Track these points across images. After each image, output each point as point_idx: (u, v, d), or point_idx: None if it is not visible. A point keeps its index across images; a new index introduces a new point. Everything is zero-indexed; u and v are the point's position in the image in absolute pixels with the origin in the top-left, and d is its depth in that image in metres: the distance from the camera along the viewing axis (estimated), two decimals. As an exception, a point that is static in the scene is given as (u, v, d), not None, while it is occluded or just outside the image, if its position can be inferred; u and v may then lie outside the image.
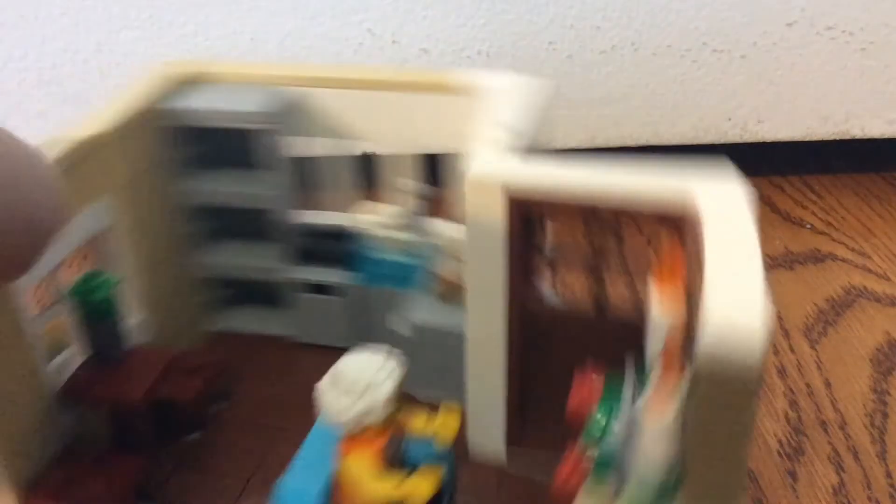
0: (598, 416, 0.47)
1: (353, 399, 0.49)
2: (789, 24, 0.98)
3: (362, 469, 0.50)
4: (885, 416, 0.70)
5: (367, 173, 0.78)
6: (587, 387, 0.49)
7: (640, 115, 1.02)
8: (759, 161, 1.14)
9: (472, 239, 0.53)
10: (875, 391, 0.73)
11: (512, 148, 0.54)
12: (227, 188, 0.70)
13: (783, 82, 1.01)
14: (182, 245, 0.71)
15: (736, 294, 0.39)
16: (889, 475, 0.64)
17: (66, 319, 0.60)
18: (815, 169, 1.13)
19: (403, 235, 0.68)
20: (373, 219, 0.69)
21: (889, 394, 0.72)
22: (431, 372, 0.65)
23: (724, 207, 0.46)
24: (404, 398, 0.52)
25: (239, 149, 0.70)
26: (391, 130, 0.68)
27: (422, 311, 0.65)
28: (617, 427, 0.46)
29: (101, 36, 0.94)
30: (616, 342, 0.55)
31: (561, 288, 0.82)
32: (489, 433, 0.59)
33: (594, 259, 0.53)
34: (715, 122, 1.03)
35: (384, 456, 0.50)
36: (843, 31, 0.99)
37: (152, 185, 0.66)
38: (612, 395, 0.48)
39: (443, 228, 0.71)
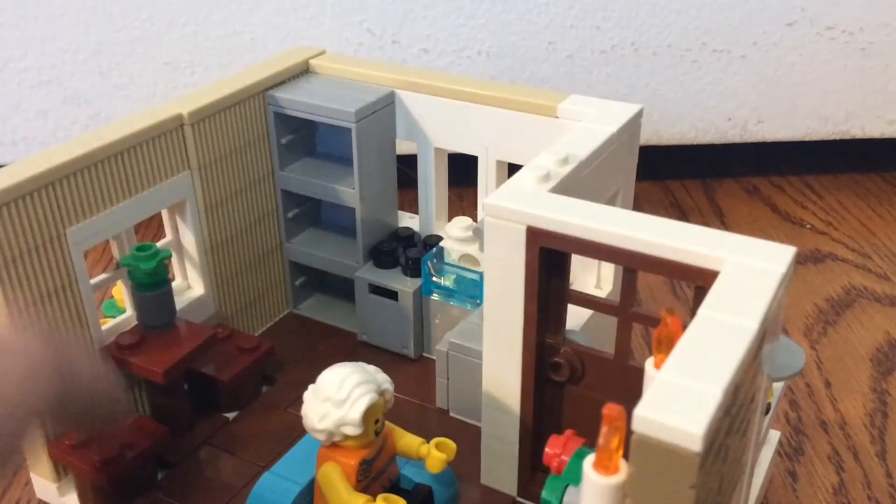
0: (555, 484, 0.47)
1: (328, 409, 0.49)
2: (789, 24, 0.98)
3: (334, 480, 0.50)
4: (885, 416, 0.70)
5: (457, 184, 0.78)
6: (558, 451, 0.48)
7: (640, 115, 1.02)
8: (759, 161, 1.14)
9: (492, 267, 0.51)
10: (875, 391, 0.73)
11: (555, 178, 0.52)
12: (314, 179, 0.72)
13: (783, 82, 1.01)
14: (267, 227, 0.74)
15: (691, 384, 0.35)
16: (889, 475, 0.64)
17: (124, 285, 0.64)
18: (815, 169, 1.13)
19: (475, 251, 0.67)
20: (450, 231, 0.68)
21: (889, 394, 0.72)
22: (464, 394, 0.64)
23: (742, 286, 0.42)
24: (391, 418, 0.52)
25: (333, 143, 0.73)
26: (485, 144, 0.68)
27: (466, 332, 0.64)
28: (570, 499, 0.46)
29: (101, 36, 0.94)
30: (633, 387, 0.50)
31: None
32: (502, 468, 0.58)
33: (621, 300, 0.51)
34: (715, 122, 1.03)
35: (358, 470, 0.50)
36: (843, 31, 0.99)
37: (241, 165, 0.69)
38: (578, 465, 0.46)
39: None
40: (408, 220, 0.78)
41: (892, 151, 1.14)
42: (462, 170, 0.78)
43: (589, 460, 0.39)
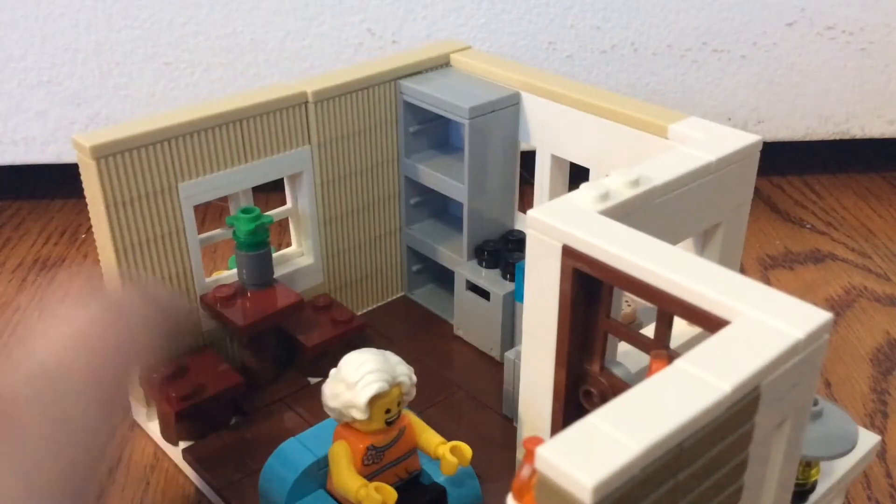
0: None
1: (341, 390, 0.51)
2: (789, 24, 0.98)
3: (339, 457, 0.51)
4: (885, 416, 0.70)
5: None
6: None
7: (640, 115, 1.02)
8: (759, 161, 1.14)
9: (532, 282, 0.49)
10: (875, 391, 0.73)
11: (613, 199, 0.49)
12: (430, 169, 0.74)
13: (783, 82, 1.01)
14: (386, 211, 0.77)
15: (615, 433, 0.32)
16: (889, 475, 0.64)
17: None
18: (815, 169, 1.13)
19: None
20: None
21: (889, 394, 0.72)
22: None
23: (735, 347, 0.38)
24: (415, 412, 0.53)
25: (458, 139, 0.76)
26: (595, 156, 0.67)
27: None
28: None
29: (101, 36, 0.94)
30: None
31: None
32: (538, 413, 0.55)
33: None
34: (715, 122, 1.03)
35: (365, 454, 0.51)
36: (843, 31, 0.99)
37: (364, 147, 0.73)
38: None
39: None
40: (524, 224, 0.75)
41: (892, 151, 1.14)
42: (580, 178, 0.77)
43: (509, 496, 0.37)
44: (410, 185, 0.77)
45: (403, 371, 0.52)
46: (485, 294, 0.71)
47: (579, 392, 0.52)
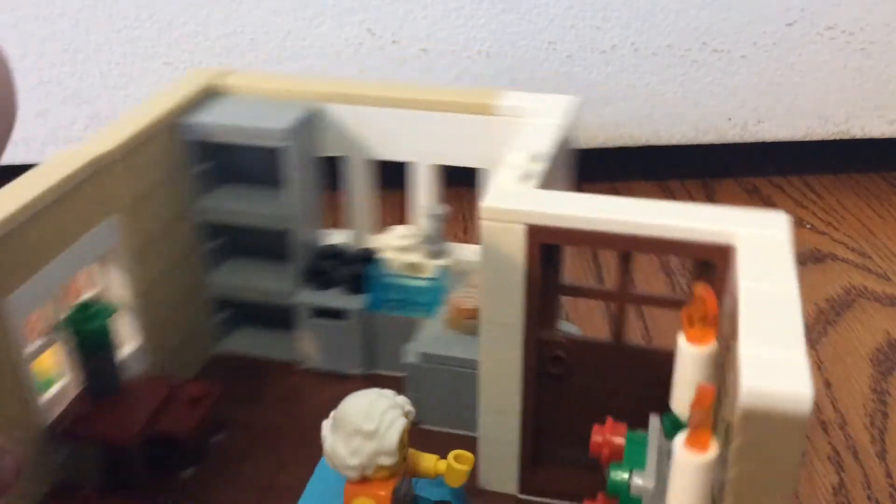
0: (619, 472, 0.46)
1: (359, 443, 0.46)
2: (789, 24, 0.98)
3: None
4: (885, 416, 0.70)
5: (390, 193, 0.77)
6: (605, 433, 0.48)
7: (640, 115, 1.02)
8: (759, 161, 1.14)
9: (489, 268, 0.51)
10: (875, 391, 0.73)
11: (534, 176, 0.53)
12: (242, 206, 0.67)
13: (783, 82, 1.01)
14: (188, 264, 0.68)
15: (777, 351, 0.37)
16: (889, 475, 0.64)
17: (59, 350, 0.56)
18: (815, 169, 1.13)
19: (419, 259, 0.66)
20: (388, 241, 0.67)
21: (889, 394, 0.72)
22: (441, 403, 0.63)
23: (764, 254, 0.44)
24: (414, 435, 0.50)
25: (257, 166, 0.68)
26: (421, 149, 0.67)
27: (431, 341, 0.63)
28: (641, 481, 0.45)
29: (101, 36, 0.94)
30: (634, 371, 0.54)
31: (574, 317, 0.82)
32: (502, 469, 0.58)
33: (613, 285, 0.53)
34: (715, 122, 1.03)
35: (392, 500, 0.47)
36: (843, 31, 0.99)
37: (163, 201, 0.64)
38: (635, 449, 0.47)
39: (462, 252, 0.70)
40: (332, 237, 0.73)
41: (892, 151, 1.14)
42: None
43: (679, 441, 0.39)
44: (209, 230, 0.69)
45: (404, 399, 0.49)
46: (337, 314, 0.67)
47: (545, 361, 0.54)
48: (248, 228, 0.68)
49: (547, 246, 0.51)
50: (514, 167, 0.53)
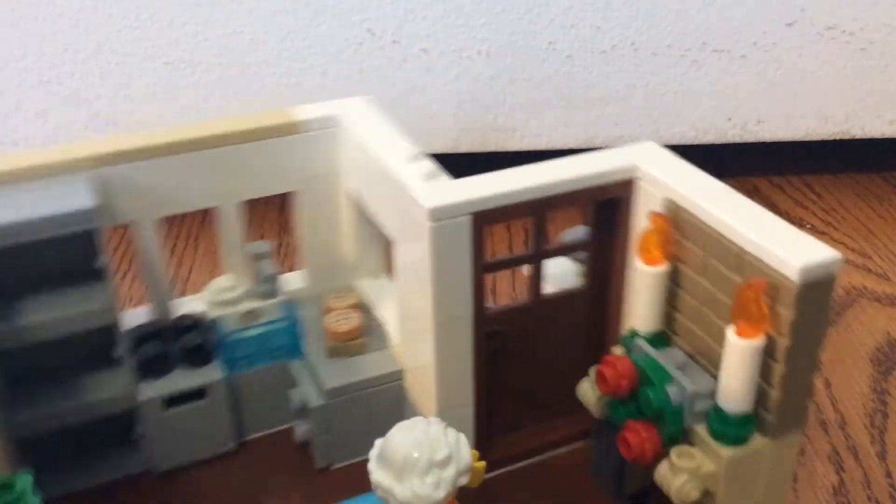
0: (650, 391, 0.49)
1: (439, 474, 0.44)
2: (789, 24, 0.98)
3: None
4: (885, 416, 0.70)
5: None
6: (617, 366, 0.50)
7: (640, 115, 1.02)
8: (759, 161, 1.14)
9: (440, 269, 0.52)
10: (875, 391, 0.73)
11: (436, 172, 0.54)
12: (46, 316, 0.54)
13: (783, 82, 1.01)
14: None
15: (779, 232, 0.46)
16: (889, 475, 0.64)
17: None
18: (815, 169, 1.13)
19: (254, 304, 0.61)
20: (212, 297, 0.61)
21: (889, 394, 0.72)
22: (357, 433, 0.60)
23: (672, 172, 0.53)
24: None
25: (48, 263, 0.55)
26: (223, 190, 0.61)
27: (329, 375, 0.59)
28: (675, 392, 0.49)
29: (101, 36, 0.94)
30: (556, 321, 0.59)
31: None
32: (455, 422, 0.58)
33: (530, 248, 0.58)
34: (715, 122, 1.03)
35: None
36: (843, 31, 0.99)
37: None
38: (651, 368, 0.50)
39: (294, 281, 0.66)
40: (134, 316, 0.63)
41: (892, 151, 1.14)
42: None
43: (730, 333, 0.46)
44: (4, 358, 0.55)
45: (433, 417, 0.47)
46: (199, 393, 0.59)
47: (491, 339, 0.57)
48: (50, 342, 0.55)
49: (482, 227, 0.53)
50: (419, 169, 0.54)
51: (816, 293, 0.45)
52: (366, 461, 0.55)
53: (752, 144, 1.06)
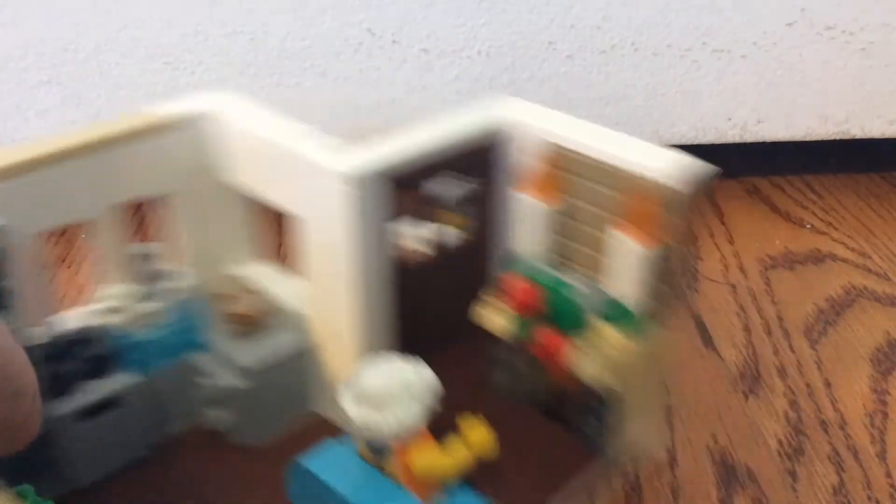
0: (558, 299, 0.58)
1: (416, 401, 0.49)
2: (789, 24, 0.98)
3: (431, 458, 0.50)
4: (885, 416, 0.70)
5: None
6: (521, 287, 0.58)
7: (640, 115, 1.02)
8: (759, 161, 1.14)
9: (358, 224, 0.55)
10: (875, 391, 0.73)
11: (341, 145, 0.57)
12: None
13: (783, 82, 1.01)
14: None
15: (653, 151, 0.53)
16: (889, 475, 0.64)
17: None
18: (815, 169, 1.13)
19: (147, 307, 0.60)
20: (108, 305, 0.60)
21: (889, 394, 0.72)
22: (279, 406, 0.62)
23: (553, 120, 0.59)
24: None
25: None
26: (97, 199, 0.60)
27: (245, 356, 0.61)
28: (577, 295, 0.57)
29: (101, 36, 0.94)
30: (462, 262, 0.66)
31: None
32: None
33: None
34: (715, 122, 1.03)
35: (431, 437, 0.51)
36: (843, 31, 0.99)
37: None
38: (552, 281, 0.58)
39: (181, 275, 0.65)
40: (57, 326, 0.61)
41: (892, 151, 1.14)
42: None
43: (622, 238, 0.53)
44: None
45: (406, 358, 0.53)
46: (113, 402, 0.58)
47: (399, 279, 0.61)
48: None
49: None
50: (328, 144, 0.57)
51: (690, 197, 0.53)
52: (289, 432, 0.62)
53: (752, 144, 1.06)
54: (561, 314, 0.58)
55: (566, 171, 0.58)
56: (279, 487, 0.54)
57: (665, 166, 0.52)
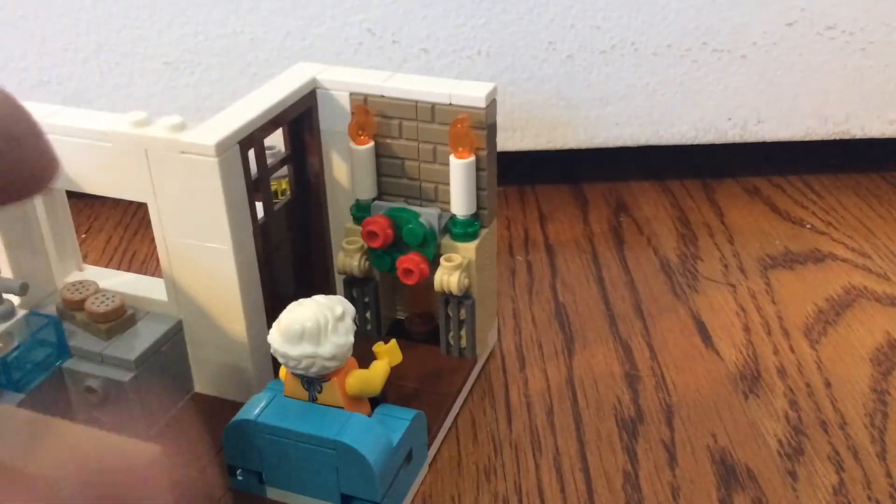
0: (412, 226, 0.67)
1: (346, 325, 0.56)
2: (789, 24, 0.98)
3: (363, 375, 0.58)
4: (885, 416, 0.70)
5: None
6: (374, 223, 0.67)
7: (640, 115, 1.02)
8: (759, 161, 1.14)
9: (226, 191, 0.59)
10: (875, 391, 0.73)
11: (174, 120, 0.60)
12: None
13: (783, 82, 1.01)
14: None
15: (450, 84, 0.66)
16: (889, 475, 0.64)
17: None
18: (815, 169, 1.13)
19: (3, 324, 0.61)
20: None
21: (889, 394, 0.72)
22: (160, 392, 0.65)
23: (359, 74, 0.70)
24: None
25: None
26: None
27: (119, 349, 0.63)
28: (427, 220, 0.68)
29: (101, 36, 0.94)
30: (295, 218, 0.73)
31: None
32: (260, 327, 0.66)
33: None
34: (715, 122, 1.03)
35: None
36: (843, 31, 0.99)
37: None
38: (401, 213, 0.68)
39: (19, 288, 0.64)
40: None
41: (892, 151, 1.14)
42: None
43: (452, 160, 0.66)
44: None
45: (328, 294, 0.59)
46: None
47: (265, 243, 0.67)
48: None
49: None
50: (159, 129, 0.60)
51: (492, 114, 0.66)
52: (181, 409, 0.67)
53: (752, 144, 1.06)
54: (415, 240, 0.67)
55: (384, 115, 0.68)
56: (188, 469, 0.60)
57: (468, 94, 0.65)
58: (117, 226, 1.02)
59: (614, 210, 1.04)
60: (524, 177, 1.11)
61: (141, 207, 1.05)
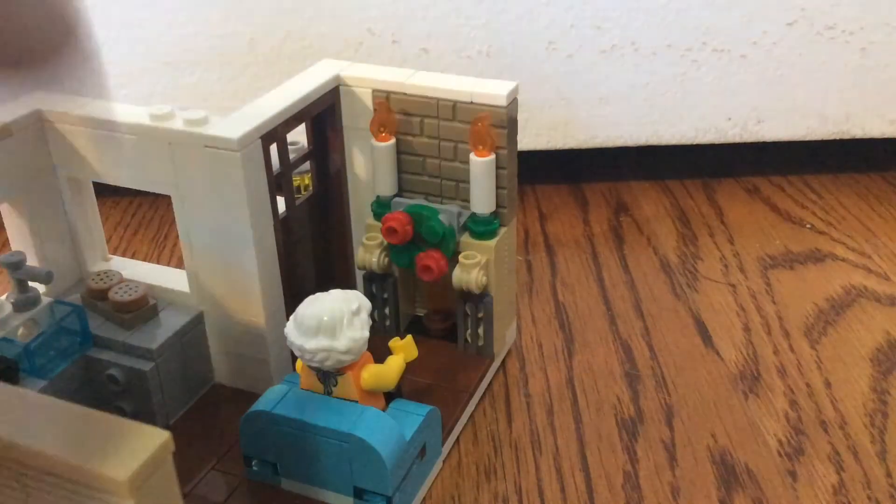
0: (432, 223, 0.67)
1: (362, 319, 0.56)
2: (789, 24, 0.98)
3: (378, 369, 0.59)
4: (885, 416, 0.70)
5: None
6: (394, 219, 0.67)
7: (640, 115, 1.02)
8: (759, 161, 1.14)
9: (248, 185, 0.60)
10: (875, 391, 0.73)
11: (198, 115, 0.61)
12: None
13: (783, 82, 1.01)
14: None
15: (473, 81, 0.66)
16: (889, 475, 0.64)
17: None
18: (815, 169, 1.13)
19: (26, 319, 0.62)
20: None
21: (889, 394, 0.72)
22: (180, 383, 0.66)
23: (381, 72, 0.71)
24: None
25: None
26: None
27: (141, 339, 0.63)
28: (446, 218, 0.67)
29: (101, 36, 0.94)
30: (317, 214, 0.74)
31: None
32: (279, 319, 0.66)
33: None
34: (715, 122, 1.03)
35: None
36: (843, 31, 0.99)
37: None
38: (421, 210, 0.68)
39: (46, 277, 0.65)
40: None
41: (892, 151, 1.14)
42: None
43: (473, 158, 0.66)
44: None
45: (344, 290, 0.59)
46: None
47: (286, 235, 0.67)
48: None
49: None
50: (181, 122, 0.61)
51: (513, 112, 0.66)
52: (199, 401, 0.68)
53: (752, 144, 1.06)
54: (434, 237, 0.67)
55: (405, 112, 0.68)
56: (205, 459, 0.60)
57: (489, 92, 0.65)
58: (117, 226, 1.02)
59: (614, 210, 1.04)
60: (524, 177, 1.11)
61: (141, 207, 1.05)
